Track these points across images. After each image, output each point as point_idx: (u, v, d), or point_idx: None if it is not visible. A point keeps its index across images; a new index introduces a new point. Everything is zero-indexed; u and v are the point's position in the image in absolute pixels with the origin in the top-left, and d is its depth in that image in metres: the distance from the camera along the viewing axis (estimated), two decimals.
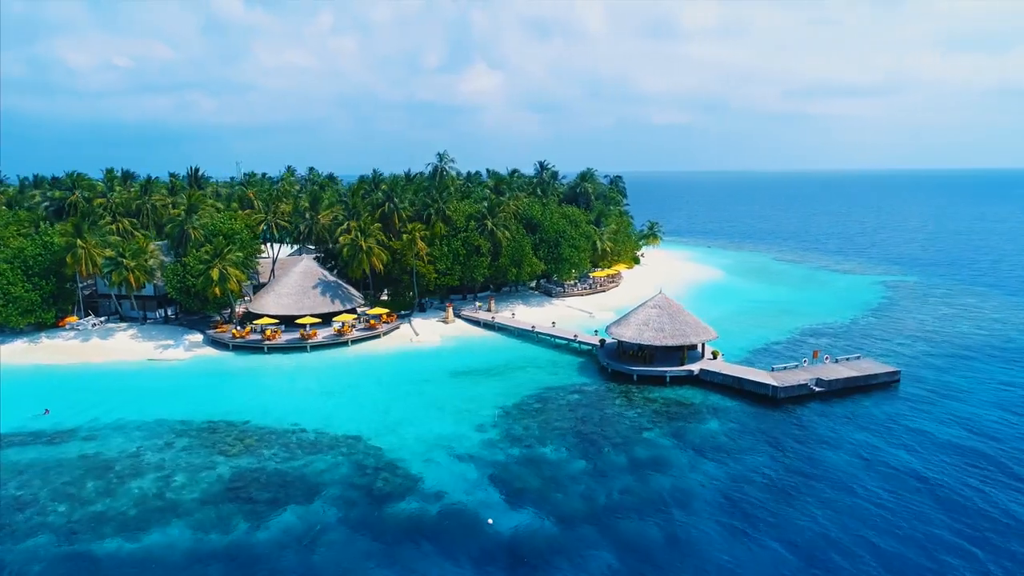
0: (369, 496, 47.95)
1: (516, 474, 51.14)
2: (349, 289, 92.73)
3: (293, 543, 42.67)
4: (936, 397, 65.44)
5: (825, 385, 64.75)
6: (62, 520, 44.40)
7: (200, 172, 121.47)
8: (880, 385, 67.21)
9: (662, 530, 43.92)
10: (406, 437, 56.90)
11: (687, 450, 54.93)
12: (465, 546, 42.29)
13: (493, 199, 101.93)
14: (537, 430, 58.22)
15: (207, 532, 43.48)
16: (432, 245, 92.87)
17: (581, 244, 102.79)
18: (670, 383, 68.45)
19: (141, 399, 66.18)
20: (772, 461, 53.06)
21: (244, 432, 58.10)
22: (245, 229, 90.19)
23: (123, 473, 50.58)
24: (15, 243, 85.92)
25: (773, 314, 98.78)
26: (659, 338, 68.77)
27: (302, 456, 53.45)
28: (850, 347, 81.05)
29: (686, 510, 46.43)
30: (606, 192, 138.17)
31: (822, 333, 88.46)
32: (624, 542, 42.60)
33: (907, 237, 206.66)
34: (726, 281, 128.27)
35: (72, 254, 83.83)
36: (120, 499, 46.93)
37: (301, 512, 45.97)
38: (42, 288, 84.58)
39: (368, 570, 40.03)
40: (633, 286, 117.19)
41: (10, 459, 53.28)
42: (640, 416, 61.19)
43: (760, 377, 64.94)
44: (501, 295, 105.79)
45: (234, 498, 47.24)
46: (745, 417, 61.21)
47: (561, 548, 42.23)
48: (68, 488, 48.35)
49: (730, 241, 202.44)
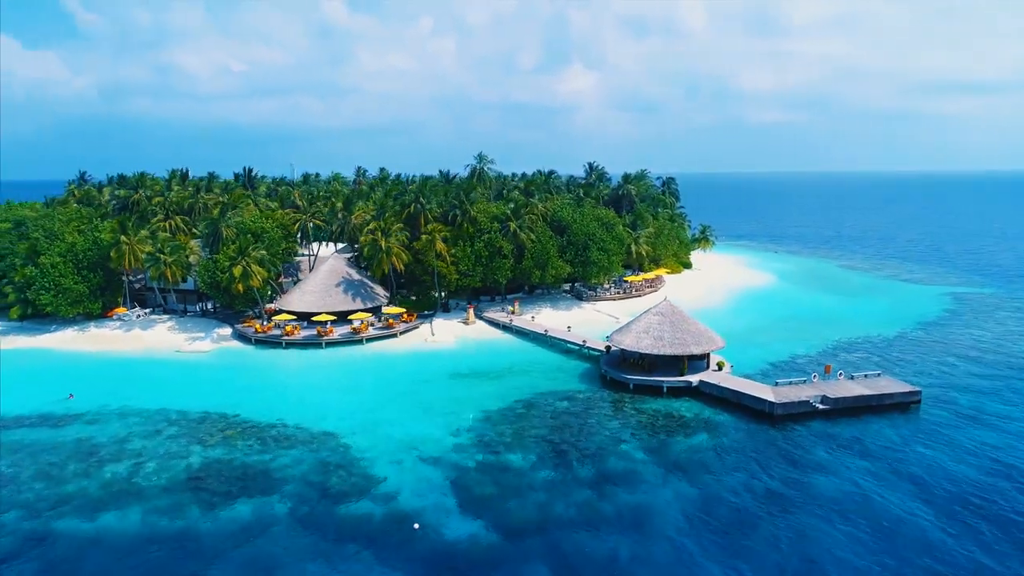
0: (323, 494, 48.62)
1: (475, 480, 50.56)
2: (374, 288, 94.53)
3: (238, 534, 43.83)
4: (961, 422, 59.83)
5: (831, 403, 60.47)
6: (33, 497, 47.44)
7: (253, 172, 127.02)
8: (897, 406, 62.15)
9: (609, 549, 42.16)
10: (380, 437, 57.36)
11: (662, 465, 52.61)
12: (402, 550, 42.12)
13: (520, 200, 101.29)
14: (511, 436, 57.33)
15: (159, 518, 45.31)
16: (456, 246, 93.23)
17: (612, 247, 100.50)
18: (667, 394, 65.84)
19: (153, 388, 69.83)
20: (752, 482, 50.05)
21: (230, 424, 60.24)
22: (276, 228, 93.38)
23: (104, 457, 53.52)
24: (70, 238, 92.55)
25: (812, 324, 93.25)
26: (657, 346, 66.26)
27: (273, 450, 54.86)
28: (883, 363, 75.54)
29: (641, 529, 44.49)
30: (654, 194, 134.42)
31: (858, 347, 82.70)
32: (565, 558, 41.14)
33: (1006, 246, 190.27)
34: (776, 288, 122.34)
35: (116, 249, 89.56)
36: (92, 481, 49.67)
37: (254, 505, 47.14)
38: (90, 280, 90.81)
39: (300, 566, 40.56)
40: (674, 291, 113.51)
41: (15, 438, 57.47)
42: (623, 427, 59.16)
43: (759, 392, 61.41)
44: (532, 297, 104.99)
45: (194, 487, 49.03)
46: (736, 434, 58.05)
47: (500, 560, 41.41)
48: (51, 468, 51.63)
49: (804, 246, 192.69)
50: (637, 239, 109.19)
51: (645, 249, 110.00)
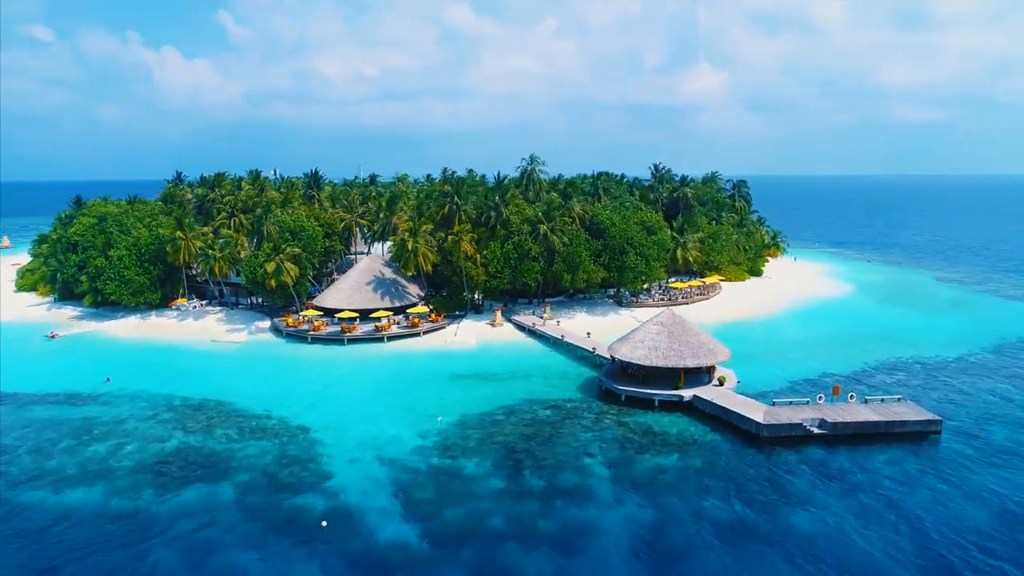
0: (273, 485, 49.95)
1: (422, 484, 50.23)
2: (407, 287, 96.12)
3: (184, 517, 45.86)
4: (984, 460, 52.88)
5: (829, 428, 55.14)
6: (17, 470, 51.86)
7: (318, 173, 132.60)
8: (911, 435, 55.78)
9: (535, 566, 40.52)
10: (350, 434, 58.17)
11: (621, 483, 50.02)
12: (331, 546, 42.48)
13: (556, 201, 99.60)
14: (475, 442, 56.46)
15: (118, 497, 48.20)
16: (487, 248, 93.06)
17: (651, 252, 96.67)
18: (659, 408, 62.49)
19: (175, 374, 74.51)
20: (716, 509, 46.52)
21: (220, 412, 63.15)
22: (315, 227, 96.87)
23: (96, 436, 57.64)
24: (136, 233, 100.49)
25: (866, 341, 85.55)
26: (651, 357, 63.05)
27: (245, 440, 56.99)
28: (921, 387, 68.44)
29: (575, 549, 42.50)
30: (716, 198, 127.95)
31: (903, 368, 75.01)
32: (486, 572, 39.98)
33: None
34: (848, 299, 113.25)
35: (172, 244, 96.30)
36: (73, 458, 53.65)
37: (206, 491, 49.15)
38: (150, 273, 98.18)
39: (234, 552, 41.79)
40: (728, 300, 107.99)
41: (34, 415, 63.08)
42: (595, 440, 56.76)
43: (749, 411, 57.00)
44: (572, 301, 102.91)
45: (158, 470, 51.76)
46: (716, 455, 54.19)
47: (422, 567, 40.78)
48: (46, 444, 56.25)
49: (910, 256, 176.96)
50: (684, 244, 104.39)
51: (693, 255, 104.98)
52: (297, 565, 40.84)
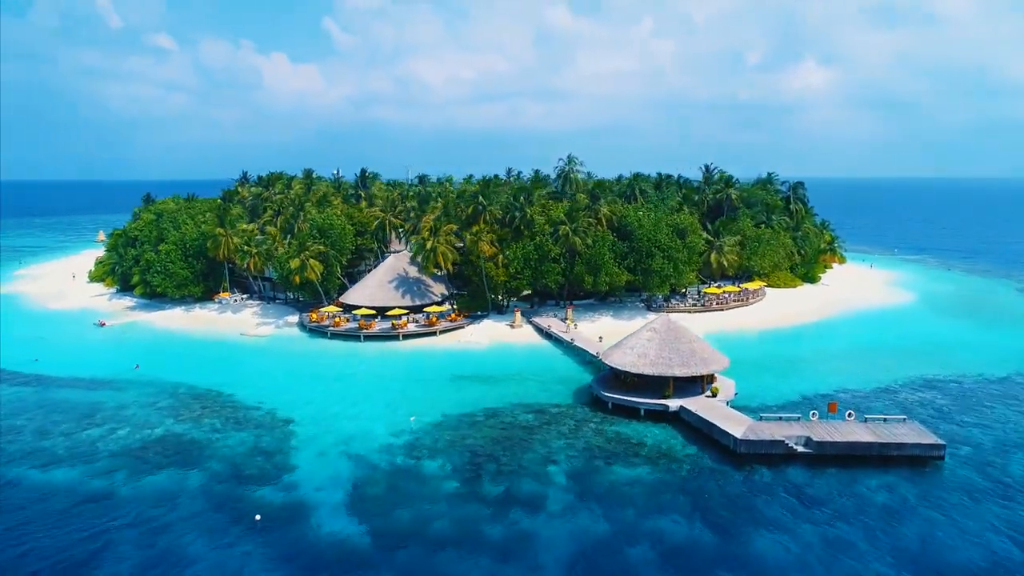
0: (237, 475, 51.35)
1: (378, 481, 50.45)
2: (431, 287, 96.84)
3: (148, 499, 47.89)
4: (989, 491, 47.95)
5: (814, 447, 51.33)
6: (15, 448, 55.63)
7: (368, 172, 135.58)
8: (909, 459, 51.15)
9: (467, 574, 39.76)
10: (327, 429, 59.03)
11: (578, 495, 48.39)
12: (275, 538, 43.13)
13: (583, 201, 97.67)
14: (444, 443, 56.08)
15: (95, 478, 50.83)
16: (508, 248, 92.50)
17: (680, 255, 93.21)
18: (644, 417, 60.11)
19: (194, 364, 77.99)
20: (672, 529, 44.18)
21: (215, 402, 65.56)
22: (344, 225, 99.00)
23: (96, 420, 61.05)
24: (183, 229, 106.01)
25: (908, 355, 79.43)
26: (638, 365, 60.72)
27: (226, 430, 58.89)
28: (946, 408, 62.80)
29: (509, 558, 41.42)
30: (766, 200, 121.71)
31: (936, 386, 69.02)
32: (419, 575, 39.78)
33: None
34: (906, 309, 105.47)
35: (213, 240, 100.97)
36: (68, 440, 57.01)
37: (176, 477, 51.12)
38: (193, 267, 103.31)
39: (187, 537, 43.16)
40: (769, 307, 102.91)
41: (52, 396, 67.54)
42: (565, 448, 55.18)
43: (730, 425, 53.85)
44: (601, 305, 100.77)
45: (139, 455, 54.20)
46: (688, 470, 51.56)
47: (359, 565, 40.80)
48: (50, 425, 60.04)
49: (999, 264, 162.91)
50: (720, 248, 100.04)
51: (729, 259, 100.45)
52: (237, 554, 41.74)
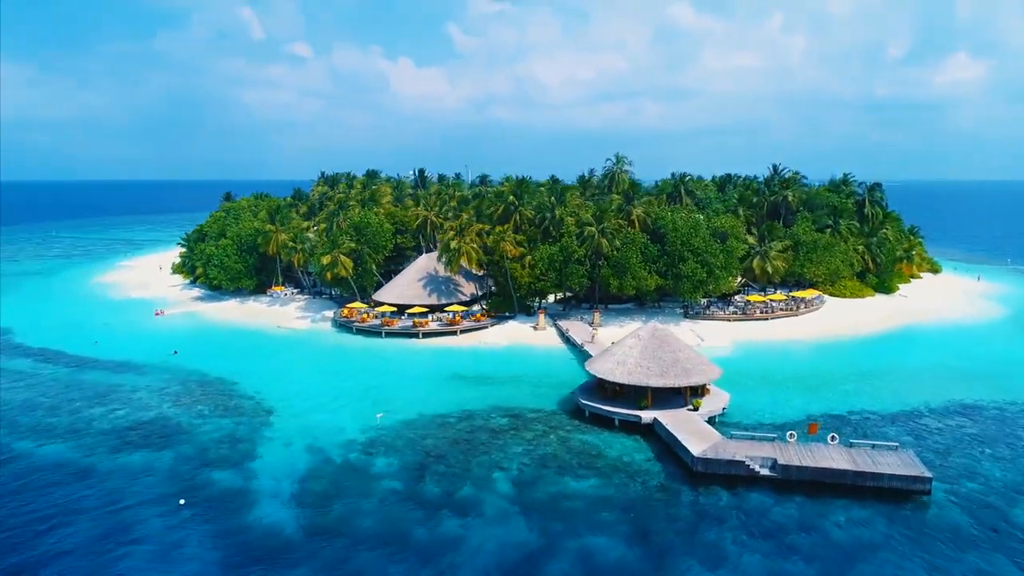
0: (201, 459, 53.60)
1: (326, 475, 50.98)
2: (460, 286, 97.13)
3: (117, 476, 50.86)
4: (974, 533, 42.14)
5: (780, 471, 46.97)
6: (23, 420, 60.85)
7: (425, 172, 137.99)
8: (889, 492, 45.70)
9: (381, 573, 39.56)
10: (302, 422, 60.35)
11: (516, 503, 46.81)
12: (214, 522, 44.53)
13: (617, 202, 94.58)
14: (402, 442, 55.98)
15: (76, 453, 54.61)
16: (537, 249, 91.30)
17: (716, 260, 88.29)
18: (618, 428, 57.35)
19: (221, 353, 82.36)
20: (599, 548, 41.69)
21: (215, 390, 68.78)
22: (381, 224, 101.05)
23: (104, 400, 65.65)
24: (241, 225, 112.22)
25: (956, 376, 71.39)
26: (615, 373, 57.99)
27: (209, 417, 61.62)
28: (971, 438, 55.92)
29: (428, 562, 40.51)
30: (832, 203, 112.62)
31: (973, 413, 61.49)
32: (335, 569, 39.90)
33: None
34: (984, 327, 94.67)
35: (264, 236, 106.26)
36: (71, 417, 61.65)
37: (149, 457, 53.99)
38: (246, 261, 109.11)
39: (141, 511, 45.63)
40: (822, 317, 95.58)
41: (80, 377, 73.33)
42: (522, 455, 53.57)
43: (692, 442, 50.29)
44: (639, 310, 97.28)
45: (122, 435, 57.67)
46: (638, 487, 48.61)
47: (284, 553, 41.49)
48: (63, 402, 65.16)
49: None
50: (764, 253, 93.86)
51: (776, 265, 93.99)
52: (179, 532, 43.38)
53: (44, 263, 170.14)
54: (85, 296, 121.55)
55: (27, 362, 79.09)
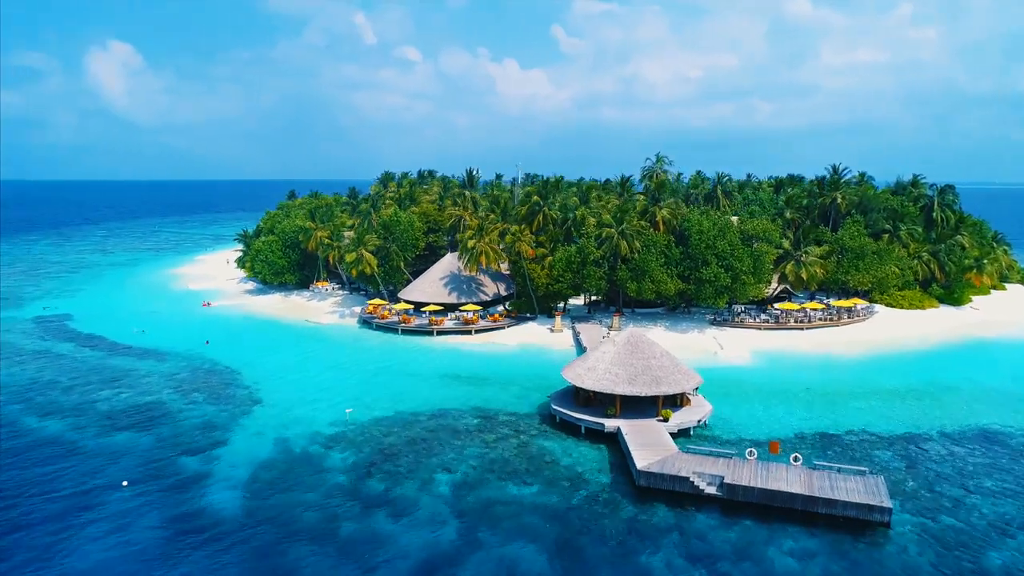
0: (176, 443, 55.96)
1: (278, 465, 51.88)
2: (483, 286, 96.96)
3: (98, 455, 53.93)
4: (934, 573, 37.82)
5: (726, 490, 43.84)
6: (39, 398, 65.61)
7: (474, 172, 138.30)
8: (844, 521, 41.70)
9: (303, 563, 39.90)
10: (281, 413, 61.79)
11: (451, 506, 46.07)
12: (165, 499, 46.86)
13: (642, 203, 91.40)
14: (363, 438, 56.35)
15: (74, 431, 58.23)
16: (557, 250, 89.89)
17: (742, 265, 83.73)
18: (584, 435, 55.36)
19: (242, 343, 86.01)
20: (524, 558, 40.56)
21: (218, 378, 71.68)
22: (417, 223, 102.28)
23: (115, 384, 69.84)
24: (287, 222, 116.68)
25: (982, 397, 64.84)
26: (583, 379, 56.02)
27: (200, 404, 64.25)
28: (970, 466, 50.23)
29: (350, 557, 40.63)
30: (890, 205, 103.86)
31: (983, 439, 55.37)
32: (260, 557, 40.86)
33: None
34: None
35: (304, 233, 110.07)
36: (81, 397, 65.90)
37: (131, 438, 56.93)
38: (289, 257, 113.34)
39: (104, 489, 48.24)
40: (872, 329, 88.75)
41: (106, 360, 78.37)
42: (473, 458, 52.71)
43: (642, 454, 47.77)
44: (670, 315, 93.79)
45: (117, 417, 61.07)
46: (580, 499, 46.63)
47: (217, 535, 43.11)
48: (79, 384, 69.80)
49: None
50: (799, 259, 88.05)
51: (811, 272, 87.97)
52: (134, 508, 45.57)
53: (133, 255, 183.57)
54: (150, 287, 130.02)
55: (69, 346, 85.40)
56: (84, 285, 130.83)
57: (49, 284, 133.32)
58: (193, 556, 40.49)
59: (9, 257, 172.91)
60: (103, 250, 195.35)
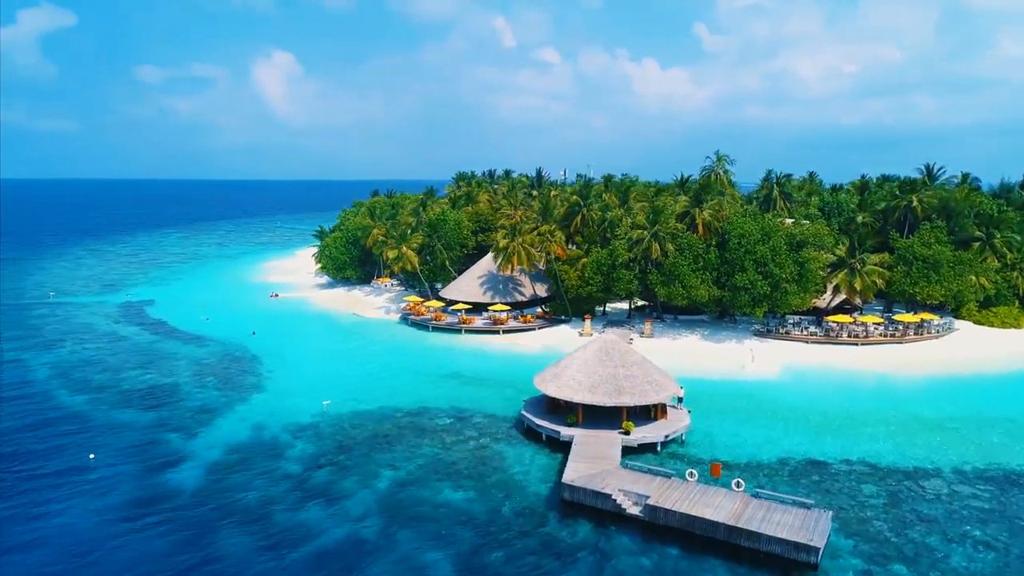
0: (168, 423, 59.48)
1: (245, 450, 53.43)
2: (520, 287, 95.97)
3: (98, 427, 58.01)
4: None
5: (648, 512, 40.60)
6: (78, 375, 71.96)
7: (542, 172, 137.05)
8: (770, 557, 37.30)
9: (228, 546, 40.93)
10: (275, 401, 63.86)
11: (380, 504, 45.69)
12: (136, 470, 50.31)
13: (683, 205, 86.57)
14: (331, 431, 57.04)
15: (88, 406, 63.30)
16: (590, 251, 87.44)
17: (784, 272, 77.30)
18: (544, 443, 53.30)
19: (284, 333, 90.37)
20: (424, 564, 40.18)
21: (239, 367, 75.29)
22: (465, 222, 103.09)
23: (148, 366, 75.37)
24: (351, 220, 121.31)
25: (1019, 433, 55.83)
26: (546, 385, 53.90)
27: (207, 388, 67.98)
28: (967, 510, 43.29)
29: (272, 545, 41.41)
30: (983, 210, 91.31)
31: (998, 479, 47.50)
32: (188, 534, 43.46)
33: None
34: None
35: (363, 230, 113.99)
36: (110, 375, 71.75)
37: (133, 415, 60.87)
38: (350, 253, 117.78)
39: (89, 462, 52.20)
40: (939, 349, 79.12)
41: (155, 344, 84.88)
42: (424, 456, 52.09)
43: (573, 467, 45.21)
44: (715, 323, 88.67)
45: (131, 396, 65.80)
46: (508, 509, 44.58)
47: (167, 510, 45.59)
48: (118, 363, 76.06)
49: None
50: (853, 268, 79.89)
51: (868, 282, 79.51)
52: (109, 476, 49.17)
53: (243, 248, 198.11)
54: (236, 278, 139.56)
55: (134, 329, 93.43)
56: (182, 275, 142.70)
57: (156, 273, 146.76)
58: (127, 529, 42.15)
59: (137, 247, 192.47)
60: (221, 243, 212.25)
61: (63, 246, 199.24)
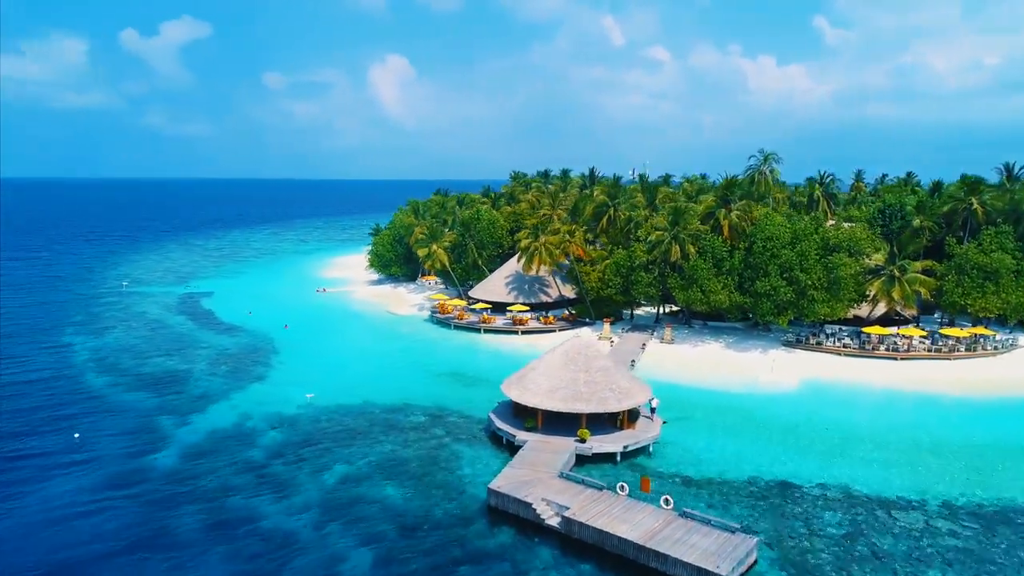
0: (167, 407, 62.57)
1: (222, 436, 55.07)
2: (547, 287, 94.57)
3: (107, 407, 61.79)
4: None
5: (564, 525, 38.77)
6: (111, 360, 76.68)
7: (594, 171, 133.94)
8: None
9: (181, 527, 42.84)
10: (269, 391, 65.83)
11: (322, 497, 45.98)
12: (121, 451, 53.28)
13: (708, 205, 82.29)
14: (307, 424, 58.00)
15: (107, 387, 67.62)
16: (612, 252, 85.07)
17: (808, 278, 72.13)
18: (505, 446, 52.07)
19: (315, 328, 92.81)
20: (349, 560, 40.50)
21: (254, 359, 77.84)
22: (499, 221, 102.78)
23: (175, 353, 79.34)
24: (399, 218, 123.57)
25: None
26: (509, 389, 52.59)
27: (217, 377, 70.74)
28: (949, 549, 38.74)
29: (221, 530, 43.97)
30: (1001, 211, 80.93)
31: (1005, 518, 42.02)
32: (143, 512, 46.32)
33: None
34: None
35: (407, 229, 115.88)
36: (140, 363, 75.75)
37: (140, 398, 64.51)
38: (395, 251, 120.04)
39: (86, 434, 56.08)
40: (1006, 367, 71.44)
41: (190, 333, 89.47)
42: (377, 454, 52.00)
43: (508, 472, 43.79)
44: (744, 331, 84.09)
45: (146, 379, 69.74)
46: (440, 511, 43.89)
47: (141, 491, 47.95)
48: (151, 351, 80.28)
49: None
50: (891, 276, 73.20)
51: (906, 291, 72.65)
52: (96, 453, 52.60)
53: (320, 244, 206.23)
54: (297, 272, 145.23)
55: (180, 319, 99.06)
56: (250, 269, 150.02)
57: (229, 266, 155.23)
58: (94, 507, 44.33)
59: (225, 243, 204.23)
60: (302, 239, 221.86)
61: (160, 240, 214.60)
